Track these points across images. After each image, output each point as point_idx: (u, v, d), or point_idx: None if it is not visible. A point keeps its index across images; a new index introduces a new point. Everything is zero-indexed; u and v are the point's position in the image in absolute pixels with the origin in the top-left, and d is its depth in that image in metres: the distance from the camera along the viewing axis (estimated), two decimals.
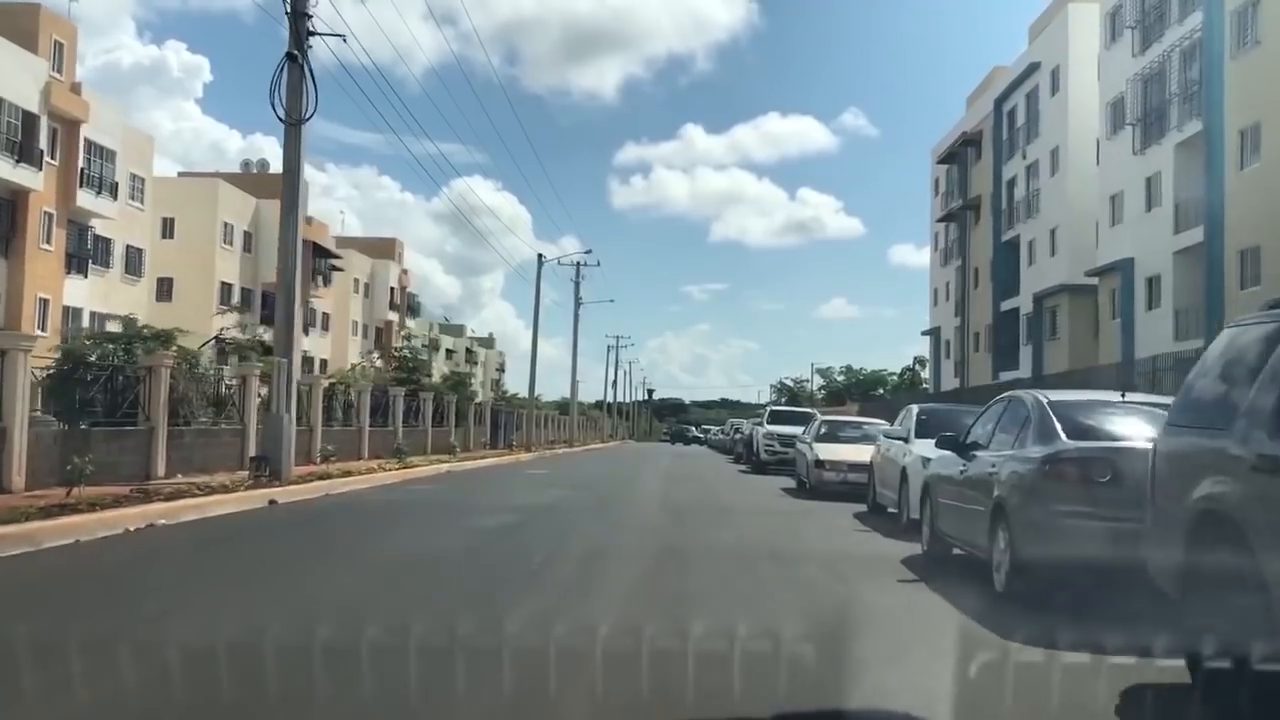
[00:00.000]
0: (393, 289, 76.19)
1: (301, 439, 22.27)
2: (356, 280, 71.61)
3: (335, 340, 67.02)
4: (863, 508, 15.25)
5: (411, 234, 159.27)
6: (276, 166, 32.23)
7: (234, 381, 20.21)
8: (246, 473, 16.57)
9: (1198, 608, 4.55)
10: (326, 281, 62.79)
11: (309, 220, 60.81)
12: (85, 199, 37.66)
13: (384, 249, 77.15)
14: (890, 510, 13.98)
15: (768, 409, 31.32)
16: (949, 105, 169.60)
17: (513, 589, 7.26)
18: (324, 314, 64.98)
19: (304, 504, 14.72)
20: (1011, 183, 44.14)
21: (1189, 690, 4.43)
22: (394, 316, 76.72)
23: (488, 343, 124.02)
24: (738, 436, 44.74)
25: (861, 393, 79.24)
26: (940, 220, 53.75)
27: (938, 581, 8.02)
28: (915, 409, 13.75)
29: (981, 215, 48.05)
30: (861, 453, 17.54)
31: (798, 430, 28.75)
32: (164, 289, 50.28)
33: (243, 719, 3.93)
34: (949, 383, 51.79)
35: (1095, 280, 34.77)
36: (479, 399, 52.54)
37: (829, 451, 17.78)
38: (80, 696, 3.89)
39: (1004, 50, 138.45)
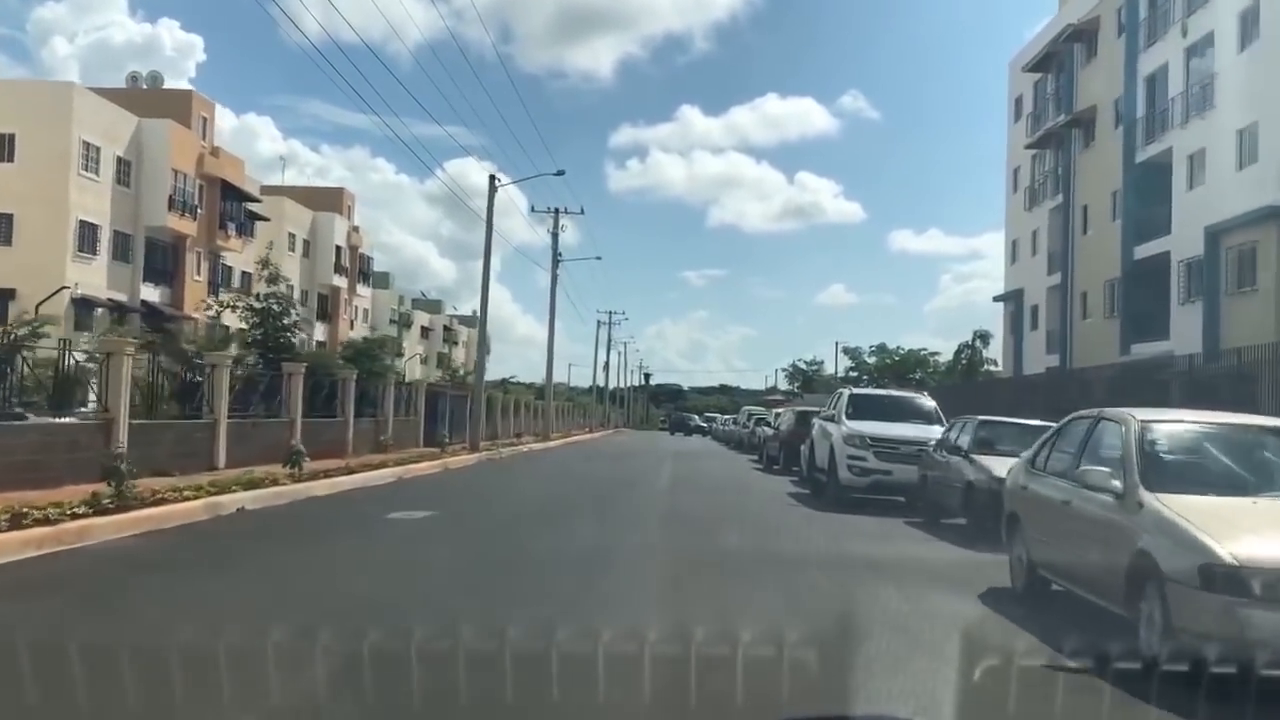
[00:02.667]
0: (339, 248, 63.62)
1: None
2: (292, 236, 58.97)
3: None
4: None
5: (406, 216, 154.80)
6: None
7: None
8: None
9: None
10: (244, 232, 50.03)
11: (215, 151, 48.15)
12: None
13: (328, 200, 64.46)
14: None
15: (842, 394, 18.45)
16: (953, 90, 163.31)
17: None
18: (243, 273, 52.08)
19: None
20: (1154, 78, 31.51)
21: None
22: (341, 281, 64.22)
23: (471, 321, 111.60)
24: (766, 431, 32.51)
25: (896, 376, 66.81)
26: (1029, 147, 41.00)
27: None
28: None
29: (1098, 131, 35.40)
30: None
31: (910, 431, 16.28)
32: (1, 228, 37.81)
33: None
34: (1038, 361, 39.24)
35: None
36: (408, 377, 40.16)
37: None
38: None
39: (1006, 41, 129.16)
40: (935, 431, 15.94)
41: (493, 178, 30.99)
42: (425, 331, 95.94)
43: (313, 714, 4.21)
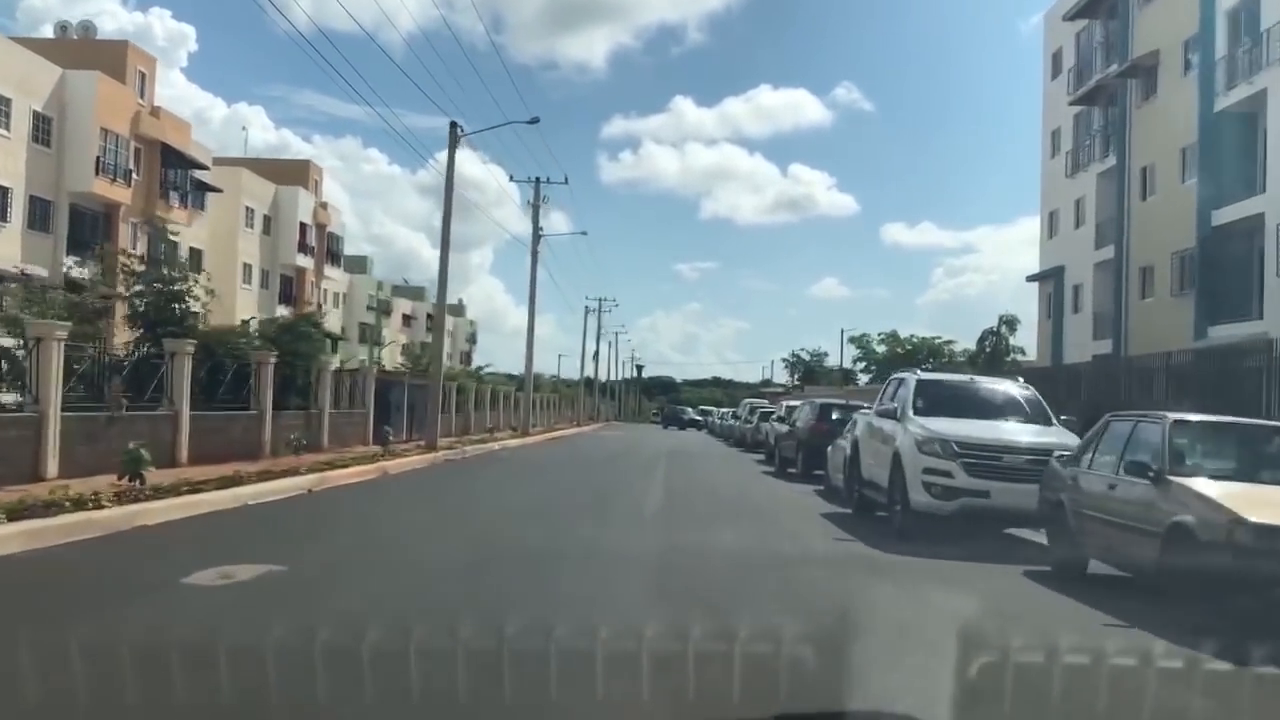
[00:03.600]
0: (304, 225, 58.41)
1: None
2: (250, 210, 53.80)
3: (217, 287, 48.81)
4: None
5: (398, 207, 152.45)
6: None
7: None
8: None
9: None
10: (189, 202, 44.80)
11: (154, 111, 42.96)
12: None
13: (292, 173, 59.23)
14: None
15: (906, 380, 12.97)
16: (947, 82, 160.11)
17: None
18: (192, 249, 46.96)
19: None
20: (1239, 10, 26.63)
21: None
22: (307, 262, 59.11)
23: (457, 310, 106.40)
24: (776, 427, 27.74)
25: (909, 368, 61.86)
26: (1073, 104, 36.07)
27: None
28: None
29: (1162, 80, 30.50)
30: None
31: (1015, 434, 11.19)
32: None
33: None
34: (1083, 348, 34.38)
35: None
36: (342, 362, 35.01)
37: None
38: None
39: (1003, 33, 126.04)
40: (1051, 434, 11.04)
41: (454, 125, 26.18)
42: (407, 320, 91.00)
43: None
